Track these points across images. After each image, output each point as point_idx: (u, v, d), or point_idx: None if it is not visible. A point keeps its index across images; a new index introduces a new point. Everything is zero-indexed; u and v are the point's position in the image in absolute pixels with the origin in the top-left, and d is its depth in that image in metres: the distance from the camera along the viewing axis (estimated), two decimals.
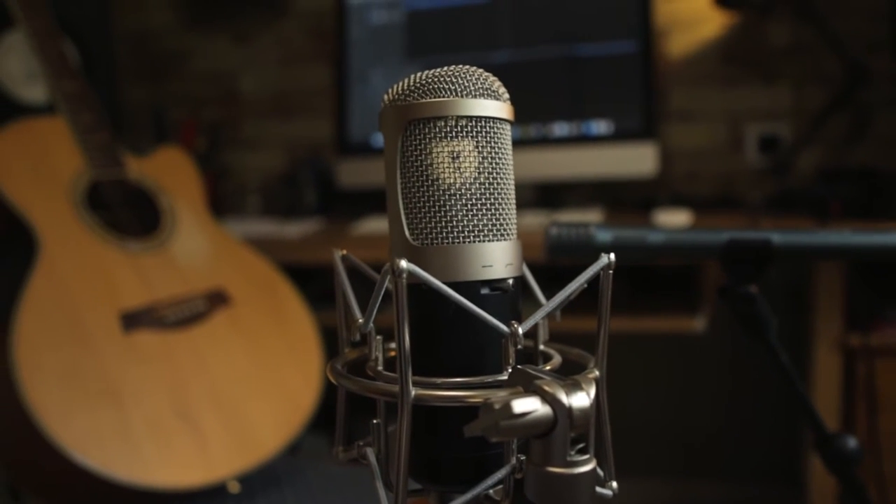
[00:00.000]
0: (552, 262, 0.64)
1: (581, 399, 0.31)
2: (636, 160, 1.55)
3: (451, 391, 0.36)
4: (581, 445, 0.32)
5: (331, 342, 1.24)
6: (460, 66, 0.40)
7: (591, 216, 1.50)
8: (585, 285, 0.39)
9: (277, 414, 1.11)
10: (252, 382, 1.12)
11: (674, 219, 1.40)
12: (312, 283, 1.46)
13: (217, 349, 1.12)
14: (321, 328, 1.25)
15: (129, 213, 1.20)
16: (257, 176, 2.11)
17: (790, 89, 1.74)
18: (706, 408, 1.85)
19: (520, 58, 1.62)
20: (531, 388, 0.32)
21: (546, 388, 0.31)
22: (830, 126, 1.66)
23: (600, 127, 1.58)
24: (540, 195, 1.68)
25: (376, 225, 1.53)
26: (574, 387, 0.31)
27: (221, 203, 2.01)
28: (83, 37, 1.66)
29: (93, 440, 0.93)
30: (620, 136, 1.56)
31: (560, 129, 1.60)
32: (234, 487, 1.03)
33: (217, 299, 1.17)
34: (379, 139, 1.65)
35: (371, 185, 1.71)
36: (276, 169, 2.09)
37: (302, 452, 1.32)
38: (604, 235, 0.62)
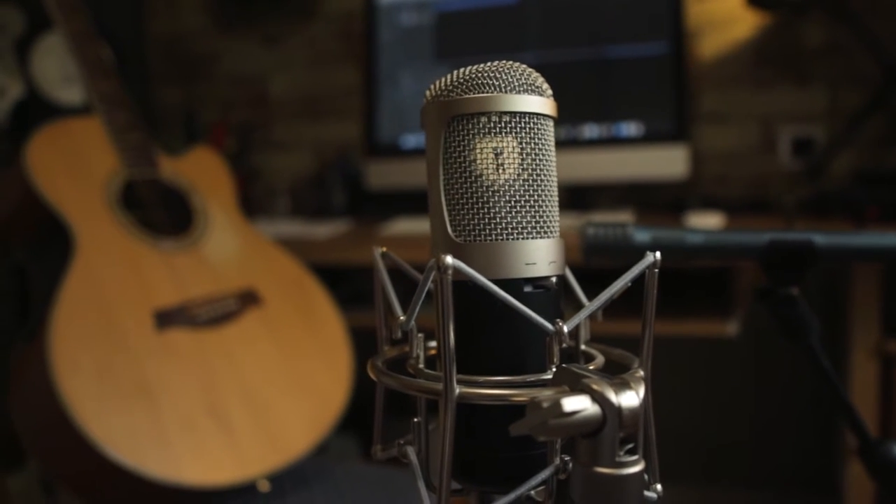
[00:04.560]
0: (583, 264, 0.63)
1: (630, 398, 0.31)
2: (667, 162, 1.53)
3: (495, 389, 0.36)
4: (629, 446, 0.31)
5: (359, 343, 1.25)
6: (504, 61, 0.39)
7: (622, 218, 1.48)
8: (630, 284, 0.38)
9: (307, 413, 1.11)
10: (282, 382, 1.12)
11: (705, 222, 1.38)
12: (341, 283, 1.46)
13: (248, 348, 1.12)
14: (350, 329, 1.26)
15: (162, 213, 1.21)
16: (286, 177, 2.12)
17: (825, 91, 1.71)
18: (734, 413, 1.83)
19: (549, 59, 1.61)
20: (579, 387, 0.31)
21: (595, 386, 0.30)
22: (866, 128, 1.63)
23: (631, 129, 1.56)
24: (570, 197, 1.67)
25: (404, 226, 1.53)
26: (623, 386, 0.31)
27: (251, 204, 2.02)
28: (118, 39, 1.69)
29: (126, 437, 0.94)
30: (651, 138, 1.55)
31: (590, 131, 1.59)
32: (264, 486, 1.03)
33: (248, 299, 1.18)
34: (407, 140, 1.65)
35: (399, 186, 1.71)
36: (305, 170, 2.10)
37: (329, 453, 1.33)
38: (642, 236, 0.60)
